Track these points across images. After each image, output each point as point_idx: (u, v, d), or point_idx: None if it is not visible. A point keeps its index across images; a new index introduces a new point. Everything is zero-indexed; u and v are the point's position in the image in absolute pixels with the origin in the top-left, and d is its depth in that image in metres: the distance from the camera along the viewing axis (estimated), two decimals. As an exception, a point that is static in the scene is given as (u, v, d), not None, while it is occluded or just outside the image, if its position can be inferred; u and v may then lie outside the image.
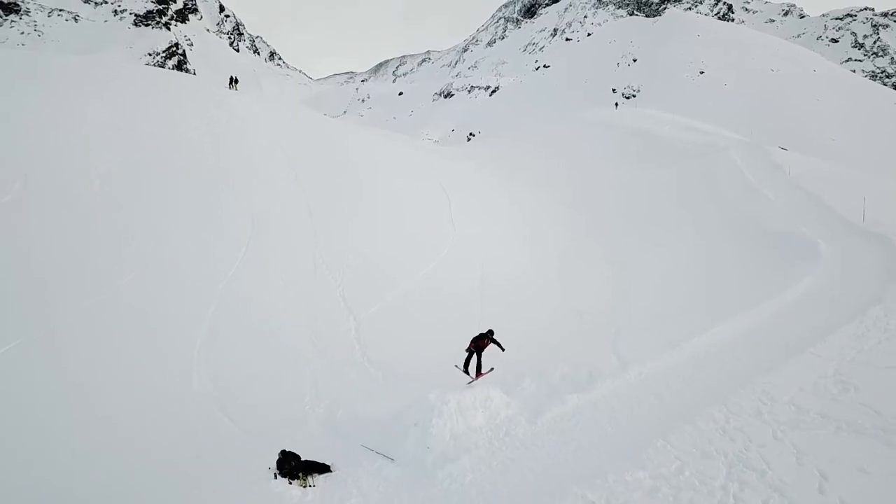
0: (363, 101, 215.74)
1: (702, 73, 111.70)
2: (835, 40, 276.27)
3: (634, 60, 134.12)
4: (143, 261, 21.26)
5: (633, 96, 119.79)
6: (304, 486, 9.95)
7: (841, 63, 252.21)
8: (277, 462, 10.41)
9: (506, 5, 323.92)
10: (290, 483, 10.02)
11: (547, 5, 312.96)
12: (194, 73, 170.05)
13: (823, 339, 13.73)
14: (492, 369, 14.91)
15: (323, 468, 10.49)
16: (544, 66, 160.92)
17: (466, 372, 14.81)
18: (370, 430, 12.07)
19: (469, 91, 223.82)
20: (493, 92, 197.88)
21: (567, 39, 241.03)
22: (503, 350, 14.67)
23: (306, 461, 10.50)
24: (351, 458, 11.04)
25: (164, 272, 20.87)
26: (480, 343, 14.67)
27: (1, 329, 17.63)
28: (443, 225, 29.88)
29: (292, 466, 10.25)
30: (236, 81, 40.70)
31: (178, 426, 14.34)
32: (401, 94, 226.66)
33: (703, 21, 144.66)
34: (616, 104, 72.72)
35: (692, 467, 9.13)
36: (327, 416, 13.90)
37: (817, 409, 10.68)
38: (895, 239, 21.94)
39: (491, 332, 14.78)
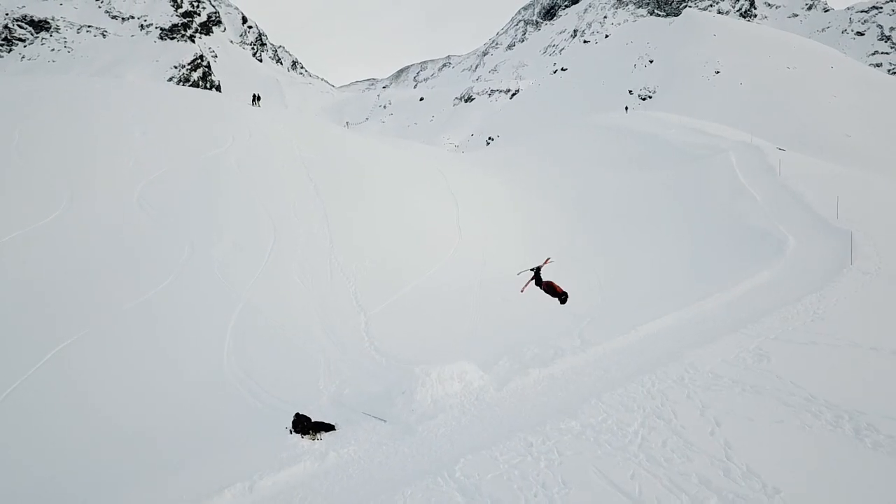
0: (384, 107, 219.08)
1: (717, 72, 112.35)
2: (860, 33, 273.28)
3: (651, 61, 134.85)
4: (176, 267, 24.17)
5: (650, 97, 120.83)
6: (313, 440, 12.58)
7: (867, 56, 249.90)
8: (293, 423, 13.08)
9: (525, 8, 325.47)
10: (302, 437, 12.65)
11: (566, 7, 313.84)
12: (219, 85, 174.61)
13: (758, 321, 16.04)
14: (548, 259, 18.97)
15: (329, 427, 13.11)
16: (562, 69, 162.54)
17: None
18: (370, 401, 14.66)
19: (489, 95, 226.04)
20: (514, 95, 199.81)
21: (585, 42, 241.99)
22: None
23: (316, 422, 13.15)
24: (352, 421, 13.65)
25: (196, 277, 23.75)
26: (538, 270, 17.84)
27: (57, 329, 20.64)
28: (450, 229, 32.42)
29: (304, 426, 12.90)
30: (259, 98, 43.76)
31: (213, 403, 17.09)
32: (422, 99, 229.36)
33: (719, 20, 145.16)
34: (626, 108, 74.37)
35: (614, 418, 11.59)
36: (336, 393, 16.51)
37: (731, 376, 13.05)
38: (856, 235, 23.95)
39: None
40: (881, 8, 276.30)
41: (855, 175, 43.79)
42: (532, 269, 17.64)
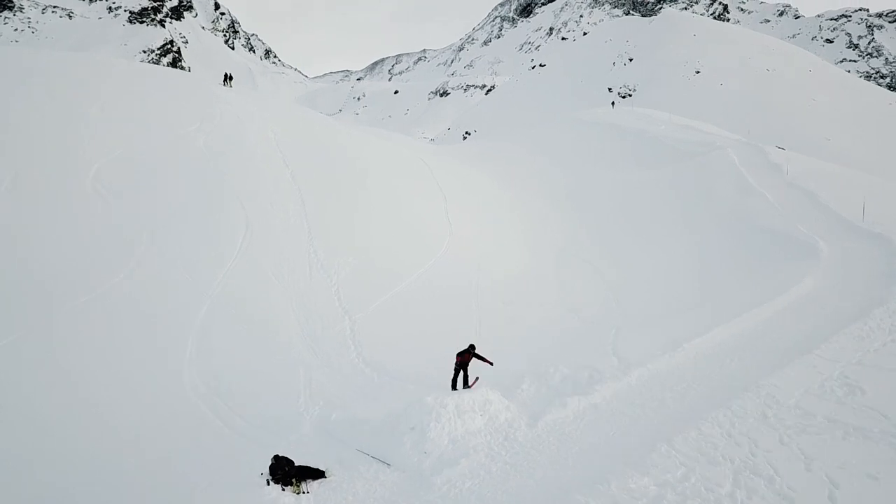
0: (359, 99, 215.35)
1: (697, 72, 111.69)
2: (829, 41, 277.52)
3: (630, 60, 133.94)
4: (135, 259, 20.94)
5: (629, 95, 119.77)
6: (298, 493, 9.65)
7: (836, 63, 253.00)
8: (270, 467, 10.10)
9: (501, 4, 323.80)
10: (284, 489, 9.71)
11: (543, 4, 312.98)
12: (189, 71, 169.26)
13: (827, 341, 13.50)
14: (477, 379, 14.13)
15: (317, 474, 10.18)
16: (540, 65, 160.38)
17: (455, 389, 13.53)
18: (365, 433, 11.77)
19: (465, 90, 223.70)
20: (489, 91, 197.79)
21: (563, 38, 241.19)
22: (490, 364, 13.52)
23: (300, 466, 10.19)
24: (346, 462, 10.75)
25: (157, 271, 20.54)
26: (464, 358, 13.55)
27: (13, 310, 17.51)
28: (439, 224, 29.54)
29: (285, 472, 9.94)
30: (231, 78, 40.28)
31: (172, 425, 14.13)
32: (396, 92, 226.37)
33: (699, 21, 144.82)
34: (613, 103, 72.39)
35: (698, 473, 8.87)
36: (322, 418, 13.61)
37: (824, 413, 10.43)
38: (895, 239, 21.73)
39: (472, 347, 13.64)
40: (850, 16, 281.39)
41: (859, 176, 42.05)
42: (454, 369, 13.85)
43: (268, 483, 9.91)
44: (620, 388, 12.28)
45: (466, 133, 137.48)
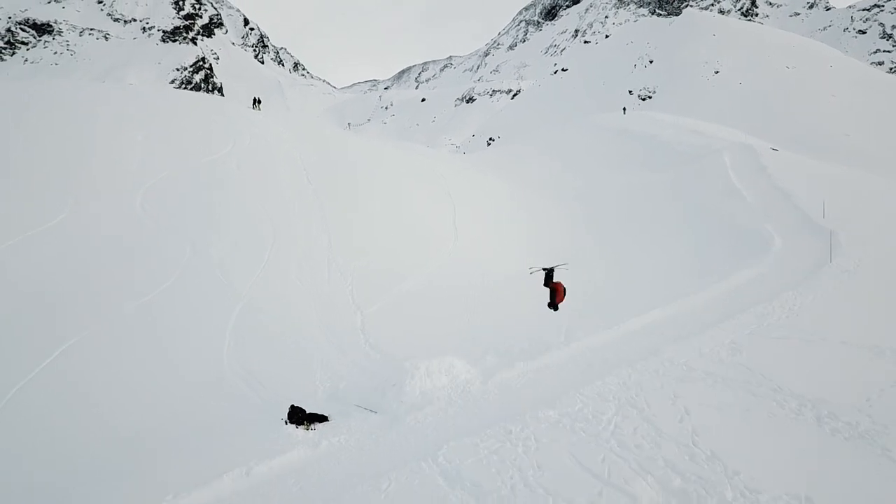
0: (386, 108, 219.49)
1: (717, 72, 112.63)
2: (862, 31, 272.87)
3: (651, 62, 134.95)
4: (179, 268, 24.85)
5: (650, 97, 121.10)
6: (307, 430, 13.26)
7: (869, 54, 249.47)
8: (288, 414, 13.78)
9: (526, 8, 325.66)
10: (297, 428, 13.34)
11: (567, 7, 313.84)
12: (221, 87, 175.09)
13: (734, 318, 16.69)
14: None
15: (322, 418, 13.80)
16: (562, 69, 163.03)
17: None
18: (364, 395, 15.34)
19: (491, 95, 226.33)
20: (515, 95, 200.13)
21: (585, 42, 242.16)
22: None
23: (310, 413, 13.85)
24: (345, 412, 14.34)
25: (198, 277, 24.43)
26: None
27: (60, 330, 21.35)
28: (446, 230, 33.08)
29: (299, 417, 13.59)
30: (259, 102, 44.44)
31: (215, 398, 17.78)
32: (423, 100, 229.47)
33: (719, 20, 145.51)
34: (624, 109, 74.90)
35: (591, 407, 12.27)
36: (332, 389, 17.18)
37: (704, 368, 13.72)
38: (840, 234, 24.59)
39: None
40: (882, 6, 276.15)
41: (850, 174, 44.35)
42: (545, 269, 18.31)
43: (285, 423, 13.56)
44: (561, 356, 15.67)
45: (490, 139, 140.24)
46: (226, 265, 25.42)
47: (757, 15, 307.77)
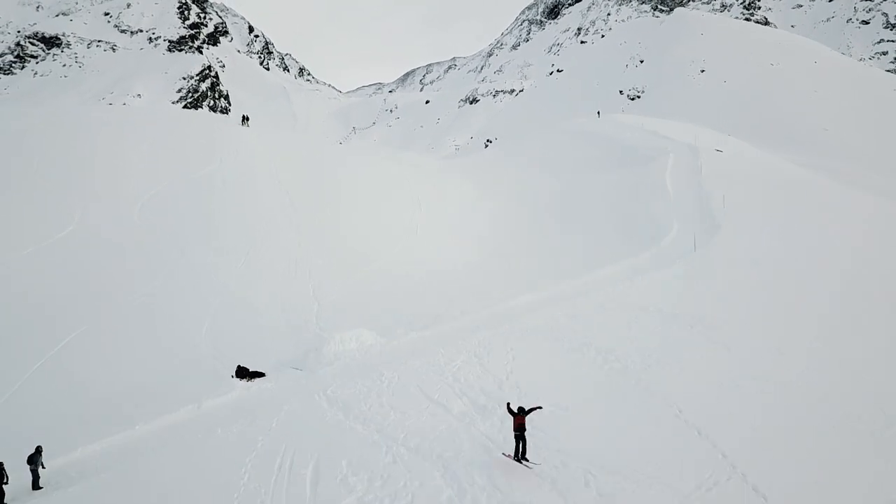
0: (391, 111, 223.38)
1: (703, 71, 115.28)
2: (866, 22, 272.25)
3: (641, 62, 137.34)
4: (168, 269, 29.84)
5: (639, 97, 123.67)
6: (249, 381, 18.16)
7: (873, 45, 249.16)
8: (235, 371, 18.69)
9: (529, 7, 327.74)
10: (241, 380, 18.24)
11: (570, 5, 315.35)
12: (227, 94, 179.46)
13: (591, 294, 21.44)
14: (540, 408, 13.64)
15: (260, 374, 18.71)
16: (558, 70, 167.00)
17: (520, 460, 12.96)
18: (298, 360, 20.20)
19: (494, 96, 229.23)
20: (518, 95, 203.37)
21: (582, 42, 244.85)
22: (540, 407, 13.44)
23: (252, 371, 18.74)
24: (280, 371, 19.23)
25: (185, 277, 29.42)
26: (521, 421, 13.03)
27: (69, 321, 26.35)
28: (403, 231, 37.67)
29: (243, 373, 18.48)
30: (248, 119, 49.57)
31: (193, 372, 22.62)
32: (427, 102, 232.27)
33: (708, 19, 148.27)
34: (598, 112, 78.91)
35: (447, 357, 17.11)
36: (281, 358, 21.97)
37: (543, 331, 18.46)
38: (723, 226, 29.16)
39: (522, 410, 13.16)
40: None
41: (796, 173, 47.81)
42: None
43: (233, 377, 18.47)
44: (449, 325, 20.49)
45: (488, 140, 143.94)
46: (208, 266, 30.38)
47: (760, 8, 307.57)
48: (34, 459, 13.78)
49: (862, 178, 58.89)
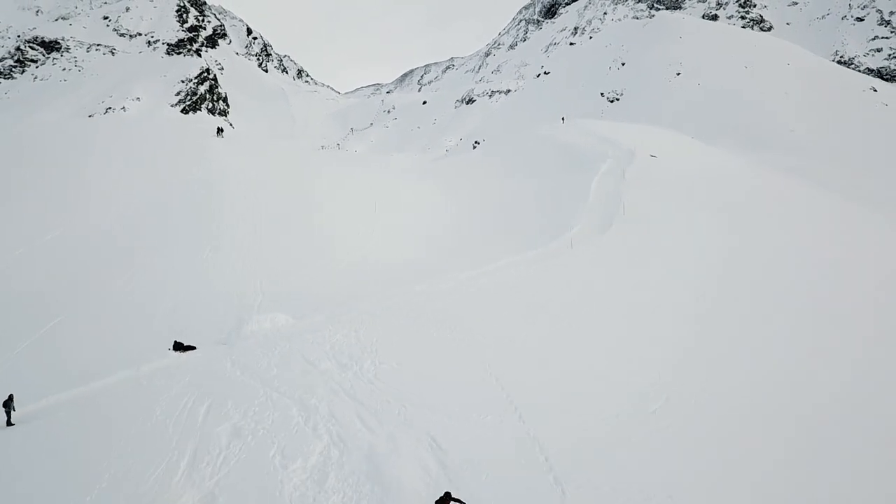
0: (388, 112, 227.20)
1: (678, 74, 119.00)
2: (860, 19, 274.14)
3: (623, 64, 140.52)
4: (144, 268, 34.96)
5: (618, 100, 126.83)
6: (181, 353, 23.21)
7: (868, 41, 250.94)
8: (172, 345, 23.77)
9: (526, 7, 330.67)
10: (175, 352, 23.28)
11: (567, 4, 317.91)
12: (226, 97, 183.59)
13: (479, 279, 26.41)
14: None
15: (192, 348, 23.75)
16: (545, 72, 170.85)
17: None
18: (225, 337, 25.15)
19: (490, 96, 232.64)
20: (510, 95, 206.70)
21: (571, 44, 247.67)
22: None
23: (186, 345, 23.79)
24: (210, 346, 24.23)
25: (153, 273, 34.53)
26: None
27: (51, 309, 31.34)
28: (366, 234, 42.36)
29: (178, 346, 23.55)
30: (222, 131, 54.78)
31: (147, 345, 27.68)
32: (424, 103, 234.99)
33: (688, 22, 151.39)
34: (563, 118, 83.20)
35: (333, 331, 22.04)
36: (217, 338, 26.87)
37: (410, 312, 23.41)
38: (617, 225, 34.02)
39: (448, 495, 13.34)
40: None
41: (732, 174, 52.12)
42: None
43: (169, 350, 23.52)
44: (347, 307, 25.46)
45: (476, 142, 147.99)
46: (176, 263, 35.47)
47: (755, 6, 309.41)
48: (7, 404, 18.94)
49: (824, 174, 63.74)
